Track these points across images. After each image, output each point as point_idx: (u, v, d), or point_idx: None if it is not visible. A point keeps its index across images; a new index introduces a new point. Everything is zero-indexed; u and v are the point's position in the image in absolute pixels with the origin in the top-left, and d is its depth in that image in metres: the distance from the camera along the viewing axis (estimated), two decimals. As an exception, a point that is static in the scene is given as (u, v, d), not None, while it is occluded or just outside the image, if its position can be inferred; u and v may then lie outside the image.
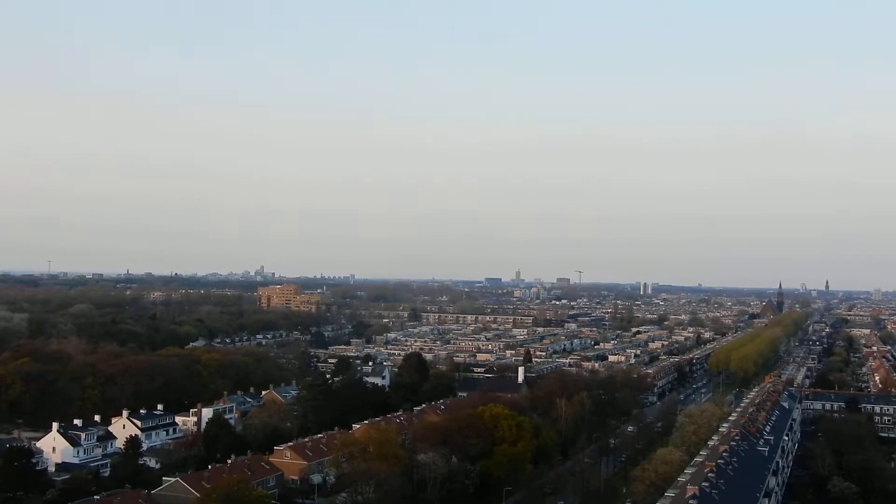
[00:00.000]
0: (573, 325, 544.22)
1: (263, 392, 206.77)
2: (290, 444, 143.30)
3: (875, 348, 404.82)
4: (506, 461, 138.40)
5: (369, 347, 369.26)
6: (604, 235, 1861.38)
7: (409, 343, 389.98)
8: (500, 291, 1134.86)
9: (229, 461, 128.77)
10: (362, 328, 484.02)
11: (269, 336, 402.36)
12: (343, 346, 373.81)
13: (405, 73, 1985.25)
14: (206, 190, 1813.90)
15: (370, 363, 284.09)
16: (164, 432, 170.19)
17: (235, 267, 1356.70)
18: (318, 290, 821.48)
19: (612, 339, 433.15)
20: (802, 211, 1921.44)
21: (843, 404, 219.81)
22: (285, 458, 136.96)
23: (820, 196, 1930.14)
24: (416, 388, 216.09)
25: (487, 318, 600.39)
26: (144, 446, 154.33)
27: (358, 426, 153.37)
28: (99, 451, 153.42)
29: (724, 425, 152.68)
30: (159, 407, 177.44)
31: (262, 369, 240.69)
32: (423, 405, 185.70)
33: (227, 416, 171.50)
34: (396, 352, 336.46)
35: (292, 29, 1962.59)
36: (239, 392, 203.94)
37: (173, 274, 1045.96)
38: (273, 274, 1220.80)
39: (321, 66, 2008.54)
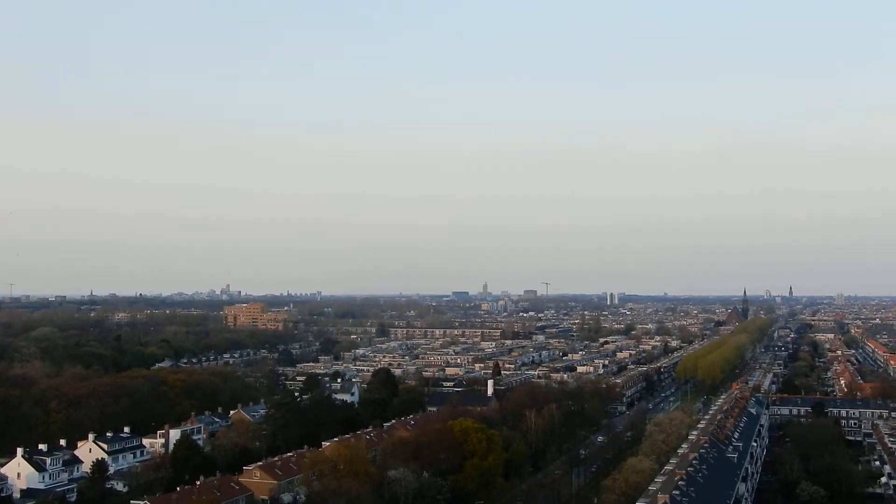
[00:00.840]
0: (541, 337, 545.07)
1: (231, 412, 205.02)
2: (260, 463, 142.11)
3: (839, 352, 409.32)
4: (477, 475, 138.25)
5: (338, 364, 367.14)
6: (570, 247, 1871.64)
7: (377, 359, 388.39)
8: (467, 305, 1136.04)
9: (198, 482, 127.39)
10: (330, 345, 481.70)
11: (236, 355, 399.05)
12: (311, 364, 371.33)
13: (376, 88, 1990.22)
14: (170, 209, 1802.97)
15: (339, 380, 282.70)
16: (132, 455, 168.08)
17: (201, 286, 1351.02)
18: (285, 308, 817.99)
19: (580, 350, 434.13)
20: (766, 219, 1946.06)
21: (809, 409, 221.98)
22: (255, 477, 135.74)
23: (782, 203, 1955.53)
24: (386, 403, 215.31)
25: (455, 331, 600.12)
26: (111, 469, 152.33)
27: (327, 443, 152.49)
28: (65, 475, 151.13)
29: (693, 433, 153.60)
30: (126, 429, 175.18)
31: (229, 389, 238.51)
32: (393, 421, 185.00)
33: (195, 437, 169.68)
34: (365, 368, 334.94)
35: (274, 44, 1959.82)
36: (207, 412, 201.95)
37: (138, 294, 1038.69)
38: (239, 292, 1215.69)
39: (292, 81, 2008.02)
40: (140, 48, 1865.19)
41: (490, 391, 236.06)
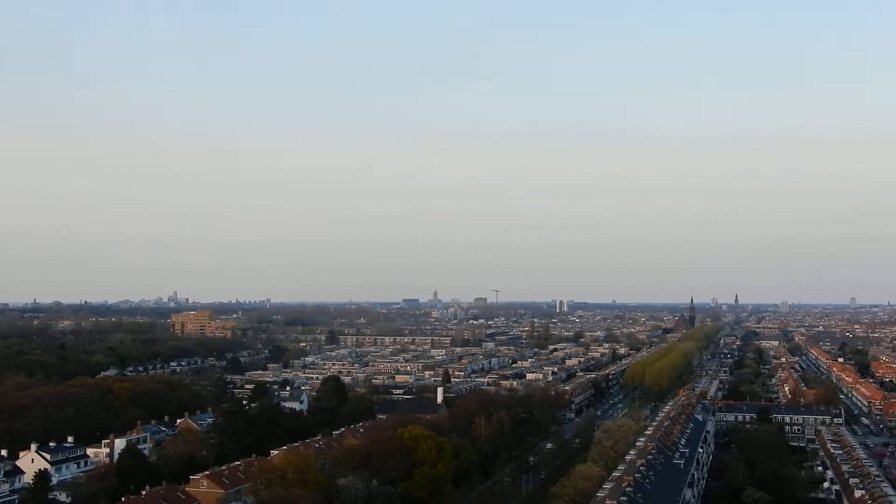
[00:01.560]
0: (491, 345, 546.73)
1: (178, 420, 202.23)
2: (207, 472, 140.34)
3: (784, 359, 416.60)
4: (426, 482, 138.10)
5: (287, 372, 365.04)
6: (520, 256, 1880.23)
7: (326, 366, 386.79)
8: (417, 312, 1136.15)
9: (143, 492, 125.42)
10: (279, 353, 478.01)
11: (183, 363, 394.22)
12: (260, 372, 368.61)
13: (307, 102, 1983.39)
14: (116, 216, 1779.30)
15: (288, 388, 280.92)
16: (75, 465, 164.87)
17: (148, 293, 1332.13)
18: (234, 316, 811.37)
19: (530, 357, 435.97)
20: (711, 230, 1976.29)
21: (754, 415, 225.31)
22: (202, 487, 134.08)
23: (727, 216, 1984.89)
24: (335, 411, 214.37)
25: (405, 339, 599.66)
26: (54, 480, 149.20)
27: (276, 452, 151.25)
28: (6, 486, 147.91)
29: (641, 439, 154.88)
30: (70, 439, 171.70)
31: (176, 397, 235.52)
32: (343, 429, 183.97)
33: (140, 447, 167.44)
34: (314, 376, 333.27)
35: (220, 61, 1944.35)
36: (153, 421, 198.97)
37: (83, 302, 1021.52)
38: (187, 300, 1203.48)
39: (225, 99, 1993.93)
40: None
41: (440, 399, 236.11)
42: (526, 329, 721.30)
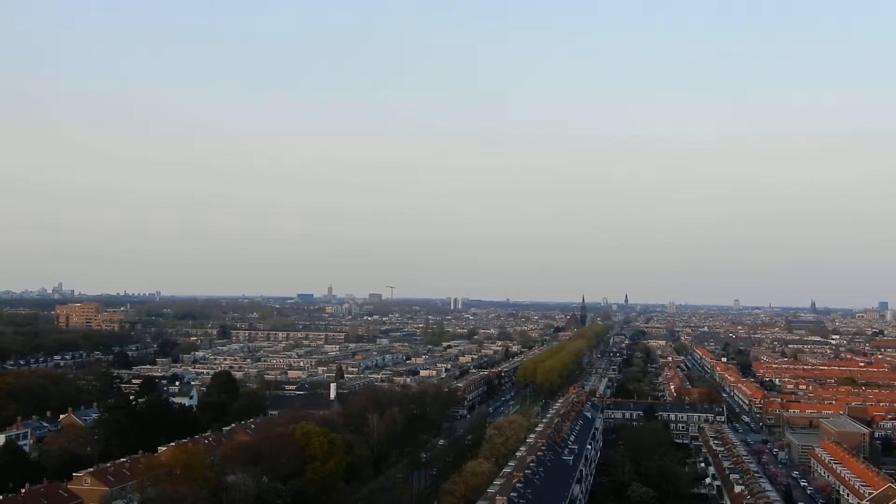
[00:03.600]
0: (385, 341, 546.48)
1: (61, 416, 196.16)
2: (91, 469, 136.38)
3: (670, 359, 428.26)
4: (318, 479, 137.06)
5: (176, 367, 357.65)
6: (415, 252, 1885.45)
7: (218, 361, 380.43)
8: (311, 307, 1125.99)
9: (23, 490, 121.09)
10: (169, 347, 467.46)
11: (67, 357, 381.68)
12: (148, 366, 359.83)
13: (214, 91, 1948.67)
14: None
15: (177, 383, 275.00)
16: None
17: (31, 284, 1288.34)
18: (122, 308, 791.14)
19: (424, 354, 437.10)
20: (603, 232, 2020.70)
21: (641, 413, 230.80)
22: (85, 484, 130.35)
23: (619, 218, 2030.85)
24: (226, 407, 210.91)
25: (299, 334, 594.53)
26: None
27: (164, 448, 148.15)
28: None
29: (532, 436, 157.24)
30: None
31: (59, 392, 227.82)
32: (233, 425, 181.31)
33: (20, 443, 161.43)
34: (205, 371, 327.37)
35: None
36: (34, 417, 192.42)
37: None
38: (73, 291, 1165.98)
39: (119, 83, 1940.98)
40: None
41: (333, 394, 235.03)
42: (420, 326, 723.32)
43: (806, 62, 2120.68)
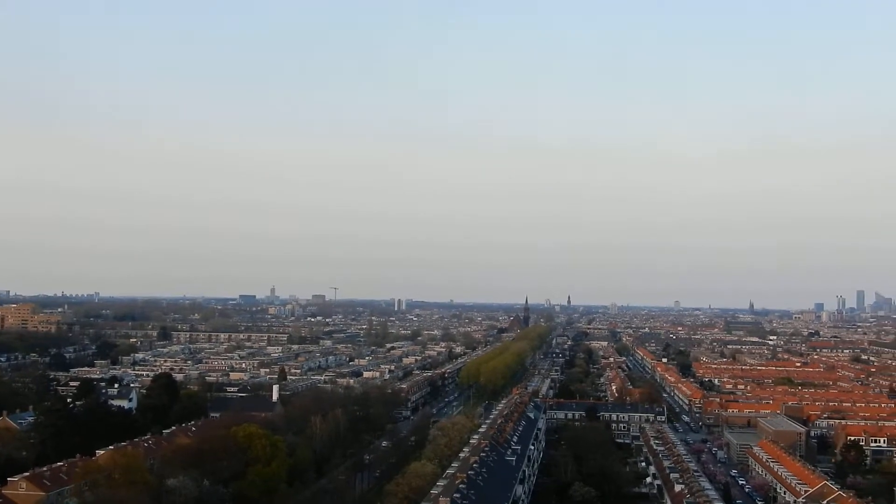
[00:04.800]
0: (328, 342, 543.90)
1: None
2: (26, 474, 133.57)
3: (612, 359, 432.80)
4: (260, 481, 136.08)
5: (115, 369, 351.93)
6: (359, 253, 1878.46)
7: (158, 363, 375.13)
8: (254, 309, 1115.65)
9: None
10: (108, 349, 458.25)
11: (2, 359, 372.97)
12: (86, 368, 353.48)
13: (161, 85, 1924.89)
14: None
15: (116, 385, 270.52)
16: None
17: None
18: (59, 309, 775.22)
19: (367, 355, 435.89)
20: (545, 234, 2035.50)
21: (583, 413, 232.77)
22: (20, 489, 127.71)
23: (561, 219, 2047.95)
24: (166, 409, 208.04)
25: (241, 335, 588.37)
26: None
27: (102, 452, 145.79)
28: None
29: (475, 437, 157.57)
30: None
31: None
32: (174, 427, 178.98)
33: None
34: (145, 373, 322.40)
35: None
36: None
37: None
38: (8, 292, 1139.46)
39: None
40: None
41: (275, 396, 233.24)
42: (364, 327, 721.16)
43: (742, 66, 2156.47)
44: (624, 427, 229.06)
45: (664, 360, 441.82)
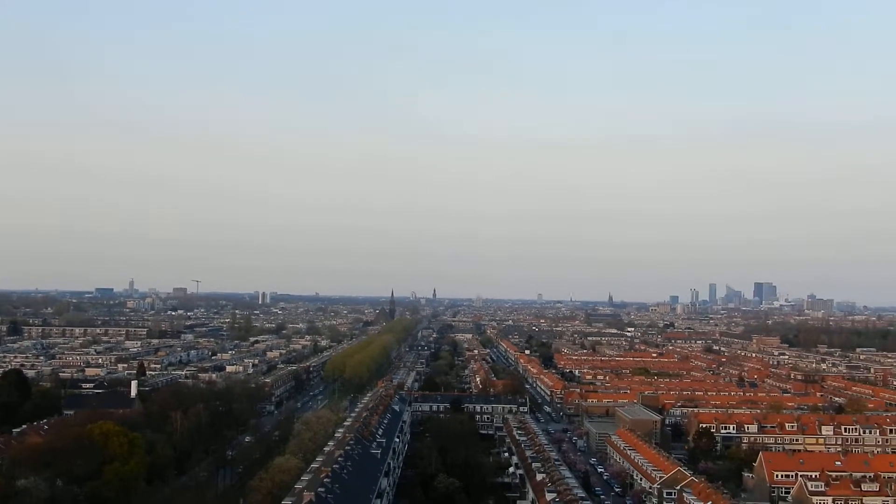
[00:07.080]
0: (190, 336, 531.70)
1: None
2: None
3: (476, 352, 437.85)
4: (117, 480, 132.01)
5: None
6: (222, 245, 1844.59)
7: (7, 359, 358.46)
8: (111, 302, 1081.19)
9: None
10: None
11: None
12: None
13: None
14: None
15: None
16: None
17: None
18: None
19: (230, 350, 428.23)
20: (409, 224, 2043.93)
21: (448, 405, 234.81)
22: None
23: (422, 209, 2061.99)
24: (16, 407, 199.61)
25: (98, 330, 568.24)
26: None
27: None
28: None
29: (340, 430, 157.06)
30: None
31: None
32: (24, 426, 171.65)
33: None
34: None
35: None
36: None
37: None
38: None
39: None
40: None
41: (134, 392, 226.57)
42: (227, 321, 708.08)
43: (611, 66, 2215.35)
44: (488, 418, 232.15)
45: (527, 351, 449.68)
